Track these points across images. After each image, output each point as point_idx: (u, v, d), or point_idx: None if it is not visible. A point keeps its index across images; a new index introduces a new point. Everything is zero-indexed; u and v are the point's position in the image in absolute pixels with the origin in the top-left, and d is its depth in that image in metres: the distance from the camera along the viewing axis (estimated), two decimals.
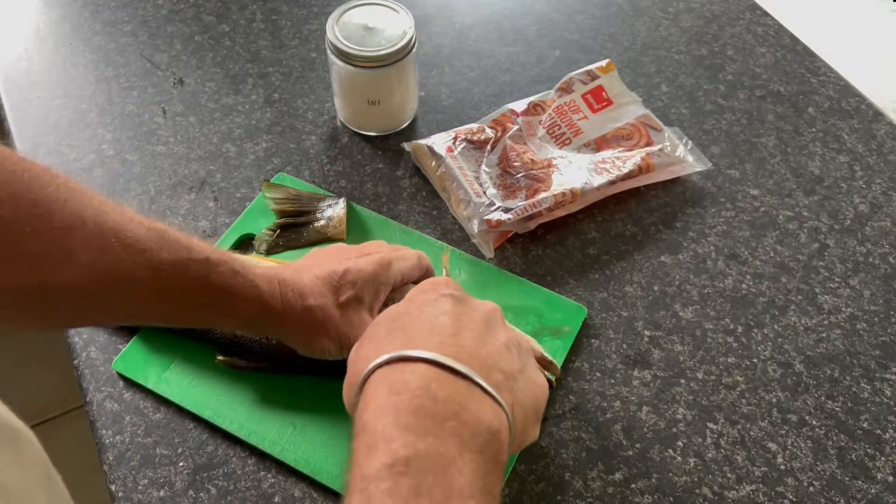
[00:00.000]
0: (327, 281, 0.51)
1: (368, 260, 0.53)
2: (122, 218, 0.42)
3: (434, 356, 0.39)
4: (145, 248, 0.43)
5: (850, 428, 0.58)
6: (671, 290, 0.65)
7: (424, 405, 0.37)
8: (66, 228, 0.39)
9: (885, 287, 0.66)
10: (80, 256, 0.40)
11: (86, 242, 0.40)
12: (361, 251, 0.55)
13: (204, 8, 0.87)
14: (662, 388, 0.60)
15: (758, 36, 0.86)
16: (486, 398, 0.39)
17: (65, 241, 0.39)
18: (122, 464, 0.55)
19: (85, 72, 0.80)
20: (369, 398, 0.39)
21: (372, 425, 0.37)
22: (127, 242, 0.42)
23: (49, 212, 0.39)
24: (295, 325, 0.51)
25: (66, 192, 0.40)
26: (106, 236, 0.41)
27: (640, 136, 0.73)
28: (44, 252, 0.39)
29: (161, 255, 0.43)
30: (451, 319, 0.42)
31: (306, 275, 0.51)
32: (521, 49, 0.84)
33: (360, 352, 0.44)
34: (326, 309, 0.50)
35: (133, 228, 0.42)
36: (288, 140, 0.75)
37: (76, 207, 0.40)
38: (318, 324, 0.51)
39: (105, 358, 0.60)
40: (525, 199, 0.67)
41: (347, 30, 0.68)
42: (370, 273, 0.52)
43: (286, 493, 0.54)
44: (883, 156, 0.75)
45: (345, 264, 0.52)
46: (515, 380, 0.42)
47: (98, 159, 0.73)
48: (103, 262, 0.41)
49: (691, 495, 0.54)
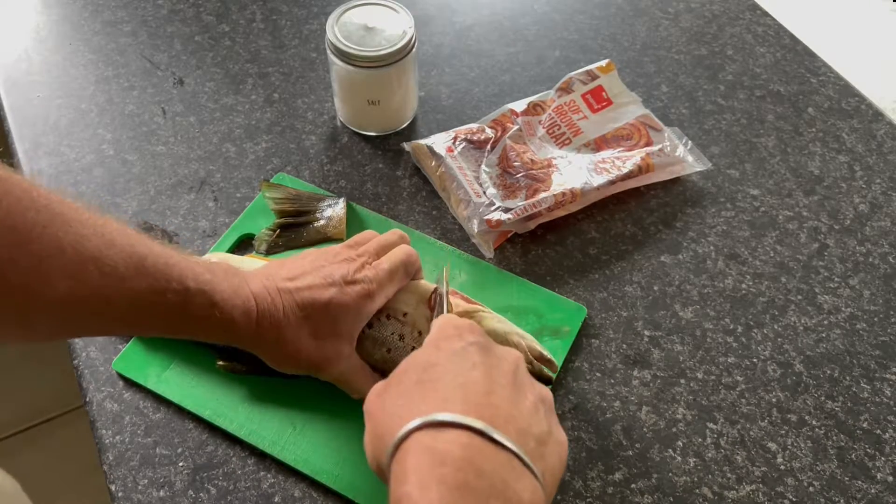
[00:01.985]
0: (307, 310, 0.50)
1: (353, 293, 0.52)
2: (103, 242, 0.42)
3: (479, 425, 0.38)
4: (124, 276, 0.42)
5: (849, 428, 0.58)
6: (671, 290, 0.65)
7: (469, 481, 0.36)
8: (45, 256, 0.39)
9: (885, 287, 0.66)
10: (58, 284, 0.40)
11: (63, 270, 0.40)
12: (347, 269, 0.53)
13: (204, 8, 0.87)
14: (662, 388, 0.60)
15: (758, 36, 0.86)
16: (525, 471, 0.39)
17: (43, 269, 0.39)
18: (122, 464, 0.55)
19: (85, 72, 0.80)
20: (409, 467, 0.37)
21: (416, 499, 0.36)
22: (105, 271, 0.41)
23: (28, 239, 0.38)
24: (267, 352, 0.51)
25: (46, 216, 0.39)
26: (85, 264, 0.41)
27: (639, 136, 0.73)
28: (21, 281, 0.38)
29: (139, 285, 0.43)
30: (482, 374, 0.41)
31: (288, 300, 0.50)
32: (520, 49, 0.84)
33: (385, 403, 0.43)
34: (300, 341, 0.51)
35: (113, 255, 0.42)
36: (288, 140, 0.75)
37: (56, 234, 0.39)
38: (289, 354, 0.51)
39: (105, 358, 0.60)
40: (525, 199, 0.67)
41: (347, 30, 0.68)
42: (353, 308, 0.52)
43: (286, 493, 0.54)
44: (883, 156, 0.75)
45: (328, 294, 0.51)
46: (545, 444, 0.41)
47: (98, 159, 0.73)
48: (81, 290, 0.41)
49: (691, 495, 0.54)
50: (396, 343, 0.54)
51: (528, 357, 0.53)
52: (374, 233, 0.59)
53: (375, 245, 0.56)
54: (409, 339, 0.54)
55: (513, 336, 0.54)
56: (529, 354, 0.54)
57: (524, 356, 0.53)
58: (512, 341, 0.54)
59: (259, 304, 0.49)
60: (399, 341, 0.54)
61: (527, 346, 0.54)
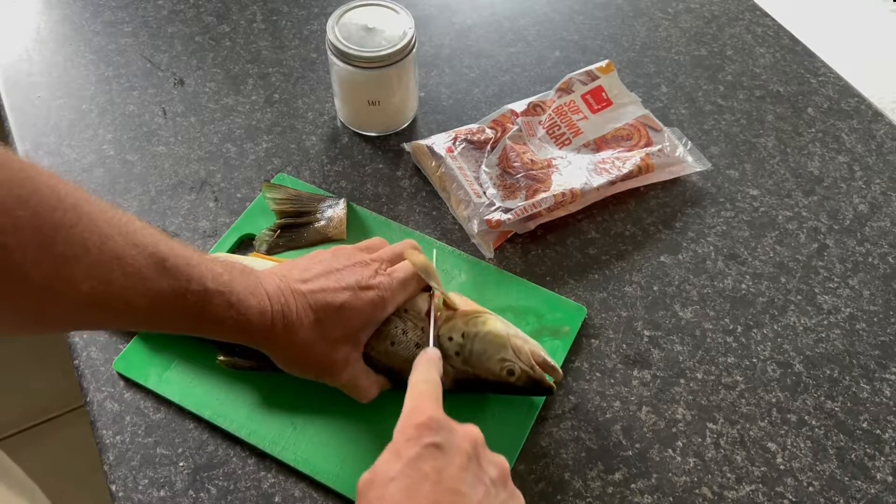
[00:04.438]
0: (320, 312, 0.51)
1: (366, 299, 0.52)
2: (127, 242, 0.42)
3: None
4: (146, 276, 0.43)
5: (849, 428, 0.58)
6: (671, 290, 0.65)
7: None
8: (70, 257, 0.39)
9: (885, 287, 0.66)
10: (81, 285, 0.40)
11: (88, 271, 0.40)
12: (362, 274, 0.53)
13: (204, 8, 0.87)
14: (662, 388, 0.60)
15: (757, 36, 0.86)
16: None
17: (67, 270, 0.39)
18: (123, 464, 0.55)
19: (85, 72, 0.80)
20: None
21: None
22: (128, 271, 0.42)
23: (53, 240, 0.38)
24: (278, 353, 0.52)
25: (73, 216, 0.39)
26: (109, 265, 0.41)
27: (639, 137, 0.73)
28: (44, 281, 0.38)
29: (160, 285, 0.43)
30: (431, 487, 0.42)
31: (301, 302, 0.50)
32: (520, 49, 0.84)
33: None
34: (313, 346, 0.51)
35: (136, 255, 0.42)
36: (288, 140, 0.75)
37: (81, 234, 0.39)
38: (301, 356, 0.52)
39: (105, 358, 0.60)
40: (525, 199, 0.67)
41: (348, 30, 0.68)
42: (365, 313, 0.52)
43: (286, 492, 0.54)
44: (882, 156, 0.75)
45: (342, 297, 0.51)
46: None
47: (98, 159, 0.73)
48: (103, 291, 0.41)
49: (691, 495, 0.54)
50: (400, 337, 0.55)
51: (530, 363, 0.54)
52: (384, 241, 0.59)
53: (390, 252, 0.57)
54: (412, 334, 0.55)
55: (516, 339, 0.54)
56: (532, 360, 0.54)
57: (526, 361, 0.54)
58: (515, 345, 0.54)
59: (273, 304, 0.49)
60: (403, 335, 0.55)
61: (530, 350, 0.54)
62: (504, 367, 0.53)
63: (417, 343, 0.55)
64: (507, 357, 0.53)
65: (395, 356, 0.55)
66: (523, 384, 0.54)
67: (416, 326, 0.55)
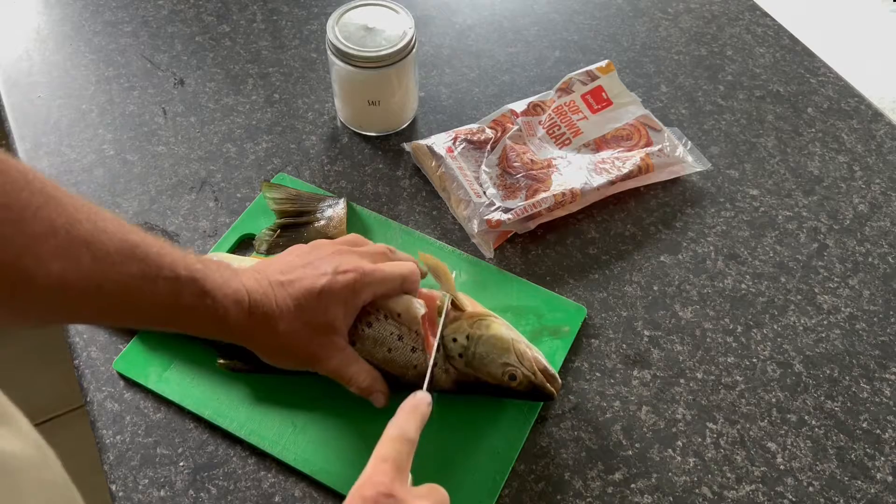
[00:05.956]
0: (301, 300, 0.51)
1: (343, 281, 0.52)
2: (95, 228, 0.42)
3: None
4: (115, 261, 0.43)
5: (849, 428, 0.58)
6: (671, 290, 0.65)
7: None
8: (38, 236, 0.39)
9: (885, 287, 0.66)
10: (51, 265, 0.40)
11: (56, 251, 0.40)
12: (339, 261, 0.53)
13: (204, 8, 0.87)
14: (662, 388, 0.60)
15: (757, 36, 0.86)
16: None
17: (35, 248, 0.39)
18: (123, 464, 0.55)
19: (86, 72, 0.80)
20: None
21: None
22: (97, 255, 0.42)
23: (21, 218, 0.39)
24: (260, 345, 0.52)
25: (41, 198, 0.40)
26: (77, 247, 0.41)
27: (639, 137, 0.73)
28: (14, 259, 0.39)
29: (131, 269, 0.44)
30: None
31: (280, 293, 0.51)
32: (520, 49, 0.84)
33: None
34: (296, 334, 0.51)
35: (105, 241, 0.43)
36: (288, 140, 0.75)
37: (49, 215, 0.40)
38: (283, 345, 0.52)
39: (105, 358, 0.60)
40: (525, 199, 0.67)
41: (347, 30, 0.68)
42: (342, 296, 0.52)
43: (286, 492, 0.54)
44: (882, 156, 0.75)
45: (321, 282, 0.51)
46: None
47: (98, 159, 0.73)
48: (73, 273, 0.41)
49: (691, 495, 0.54)
50: (396, 343, 0.55)
51: (533, 368, 0.54)
52: (363, 238, 0.59)
53: (385, 248, 0.57)
54: (407, 339, 0.55)
55: (519, 344, 0.54)
56: (535, 366, 0.54)
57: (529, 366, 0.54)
58: (518, 350, 0.54)
59: (251, 295, 0.49)
60: (398, 341, 0.55)
61: (532, 357, 0.54)
62: (506, 371, 0.53)
63: (413, 348, 0.55)
64: (509, 361, 0.53)
65: (393, 363, 0.55)
66: (524, 389, 0.54)
67: (411, 331, 0.55)
